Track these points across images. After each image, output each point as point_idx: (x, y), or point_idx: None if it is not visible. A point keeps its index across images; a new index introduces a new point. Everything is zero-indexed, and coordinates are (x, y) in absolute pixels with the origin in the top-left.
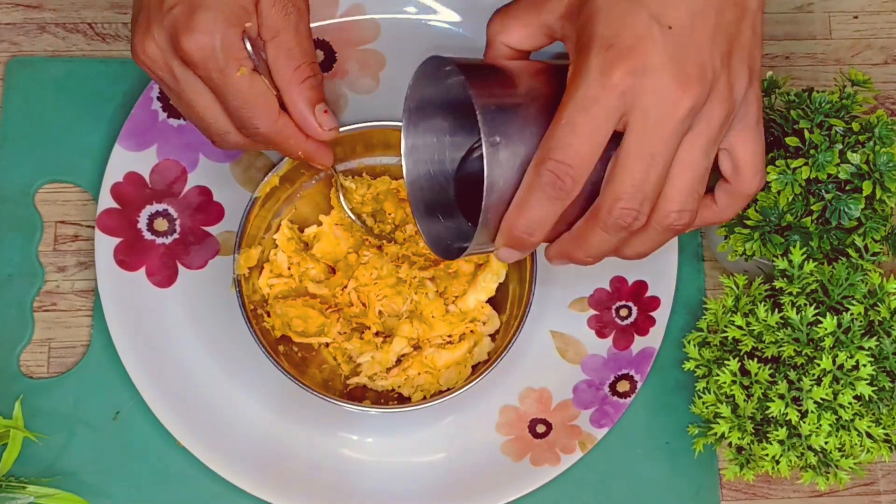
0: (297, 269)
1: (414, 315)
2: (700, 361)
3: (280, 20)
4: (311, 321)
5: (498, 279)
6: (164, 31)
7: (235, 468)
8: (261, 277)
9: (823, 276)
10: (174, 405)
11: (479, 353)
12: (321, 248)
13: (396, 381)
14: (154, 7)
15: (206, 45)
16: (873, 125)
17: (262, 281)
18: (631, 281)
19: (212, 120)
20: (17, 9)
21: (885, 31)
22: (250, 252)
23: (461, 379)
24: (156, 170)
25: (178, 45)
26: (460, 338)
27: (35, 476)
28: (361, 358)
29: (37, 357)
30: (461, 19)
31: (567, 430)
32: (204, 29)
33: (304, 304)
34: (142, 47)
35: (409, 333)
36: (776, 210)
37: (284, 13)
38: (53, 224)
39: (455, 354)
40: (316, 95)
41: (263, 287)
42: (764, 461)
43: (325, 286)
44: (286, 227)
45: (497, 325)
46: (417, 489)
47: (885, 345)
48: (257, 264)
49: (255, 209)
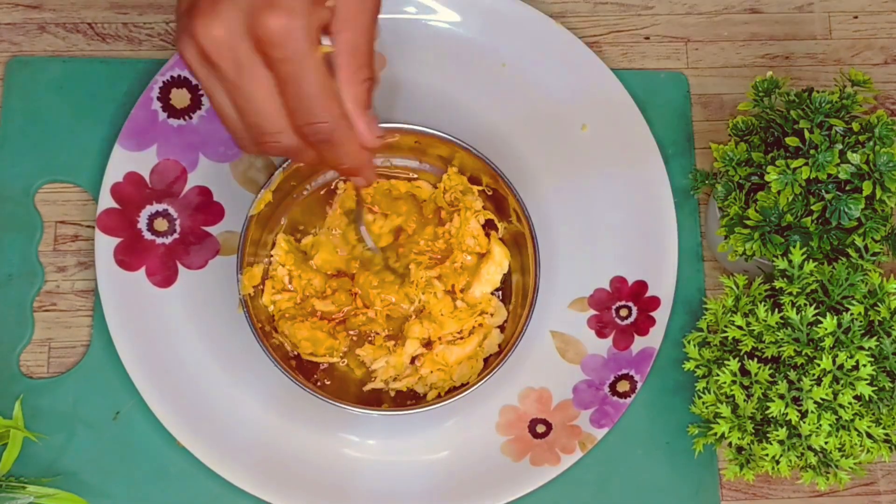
0: (298, 283)
1: (423, 315)
2: (700, 361)
3: (355, 13)
4: (319, 344)
5: (502, 270)
6: (239, 12)
7: (235, 468)
8: (263, 295)
9: (823, 276)
10: (174, 405)
11: (489, 346)
12: (321, 257)
13: (410, 382)
14: None
15: (289, 24)
16: (873, 125)
17: (266, 298)
18: (631, 281)
19: (270, 116)
20: (17, 9)
21: (885, 31)
22: (253, 271)
23: (474, 373)
24: (156, 170)
25: (259, 23)
26: (470, 332)
27: (35, 476)
28: (376, 364)
29: (37, 357)
30: (461, 19)
31: (567, 430)
32: (289, 8)
33: (312, 326)
34: (205, 31)
35: (419, 334)
36: (776, 210)
37: (361, 6)
38: (53, 224)
39: (466, 349)
40: (370, 100)
41: (267, 303)
42: (764, 461)
43: (330, 302)
44: (283, 240)
45: (504, 315)
46: (417, 489)
47: (885, 345)
48: (261, 281)
49: (252, 227)
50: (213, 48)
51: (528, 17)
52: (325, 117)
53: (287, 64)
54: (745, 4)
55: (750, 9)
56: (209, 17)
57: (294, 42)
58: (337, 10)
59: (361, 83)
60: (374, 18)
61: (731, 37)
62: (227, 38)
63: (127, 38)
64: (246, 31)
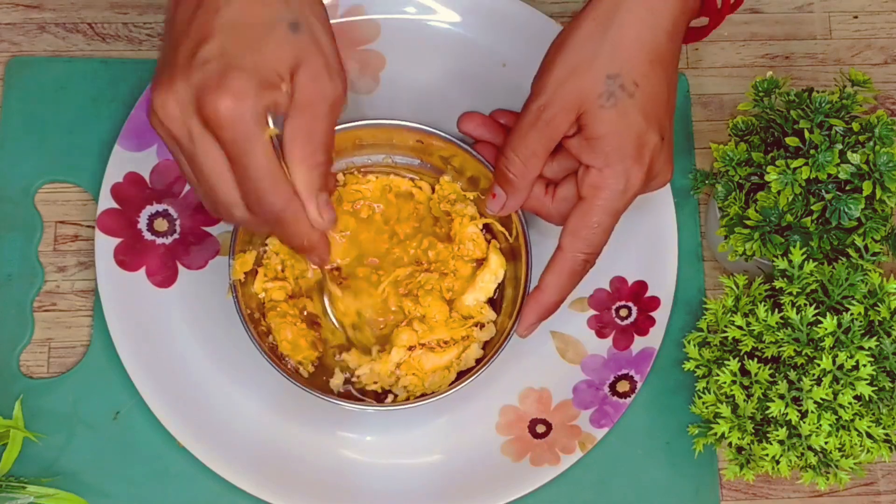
0: (291, 272)
1: (415, 318)
2: (700, 361)
3: (314, 98)
4: (298, 350)
5: (496, 279)
6: (190, 88)
7: (235, 468)
8: (255, 282)
9: (823, 276)
10: (174, 405)
11: (466, 360)
12: None
13: (387, 382)
14: (183, 61)
15: (236, 108)
16: (873, 125)
17: (257, 285)
18: (631, 281)
19: (222, 190)
20: (17, 9)
21: (885, 31)
22: (245, 257)
23: (444, 384)
24: (156, 170)
25: (206, 104)
26: (454, 343)
27: (35, 476)
28: (360, 370)
29: (37, 357)
30: (461, 19)
31: (567, 430)
32: (237, 91)
33: (297, 332)
34: (161, 102)
35: (407, 342)
36: (776, 210)
37: (320, 94)
38: (53, 224)
39: (442, 359)
40: (323, 183)
41: (259, 290)
42: (764, 461)
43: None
44: None
45: (492, 333)
46: (417, 489)
47: (885, 345)
48: (253, 268)
49: None
50: (168, 122)
51: (528, 17)
52: (273, 200)
53: (234, 145)
54: (745, 4)
55: (750, 9)
56: (165, 92)
57: (240, 125)
58: (294, 95)
59: (313, 168)
60: (335, 106)
61: (731, 37)
62: (180, 113)
63: (127, 38)
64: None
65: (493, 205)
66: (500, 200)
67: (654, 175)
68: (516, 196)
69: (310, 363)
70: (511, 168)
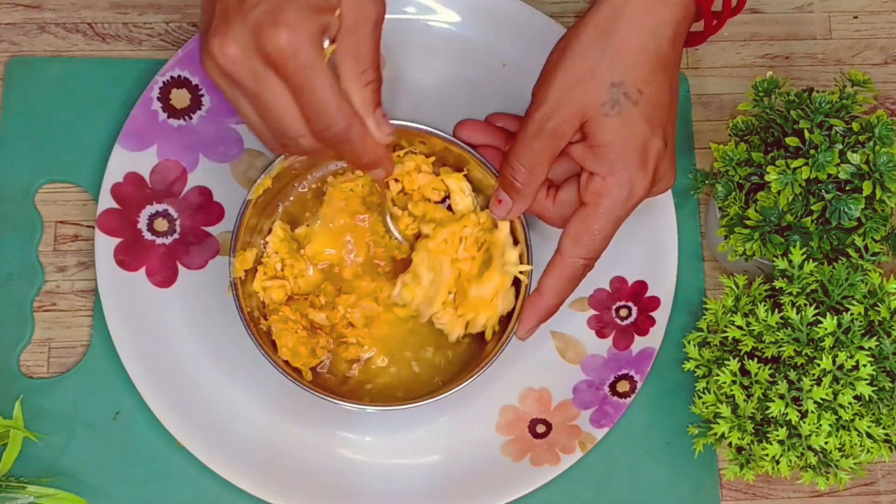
0: (290, 271)
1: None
2: (700, 361)
3: (358, 19)
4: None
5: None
6: (247, 29)
7: (235, 468)
8: (255, 280)
9: (823, 276)
10: (174, 405)
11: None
12: (312, 248)
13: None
14: (233, 8)
15: (294, 39)
16: (873, 125)
17: (256, 284)
18: (631, 281)
19: (290, 122)
20: (17, 9)
21: (885, 31)
22: (245, 255)
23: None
24: (156, 170)
25: (266, 41)
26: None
27: (35, 476)
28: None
29: (37, 357)
30: (461, 19)
31: (567, 430)
32: (292, 23)
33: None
34: (221, 49)
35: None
36: (776, 210)
37: (364, 13)
38: (53, 224)
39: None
40: (377, 99)
41: (258, 289)
42: (764, 461)
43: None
44: (279, 227)
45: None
46: (417, 489)
47: (885, 345)
48: (253, 267)
49: (249, 212)
50: (230, 65)
51: (529, 17)
52: (338, 120)
53: (296, 75)
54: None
55: (750, 9)
56: (223, 37)
57: (300, 55)
58: (342, 20)
59: (366, 86)
60: (377, 26)
61: (731, 37)
62: (241, 55)
63: (127, 38)
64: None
65: (499, 210)
66: (506, 206)
67: (658, 181)
68: (522, 202)
69: (309, 370)
70: (517, 177)
